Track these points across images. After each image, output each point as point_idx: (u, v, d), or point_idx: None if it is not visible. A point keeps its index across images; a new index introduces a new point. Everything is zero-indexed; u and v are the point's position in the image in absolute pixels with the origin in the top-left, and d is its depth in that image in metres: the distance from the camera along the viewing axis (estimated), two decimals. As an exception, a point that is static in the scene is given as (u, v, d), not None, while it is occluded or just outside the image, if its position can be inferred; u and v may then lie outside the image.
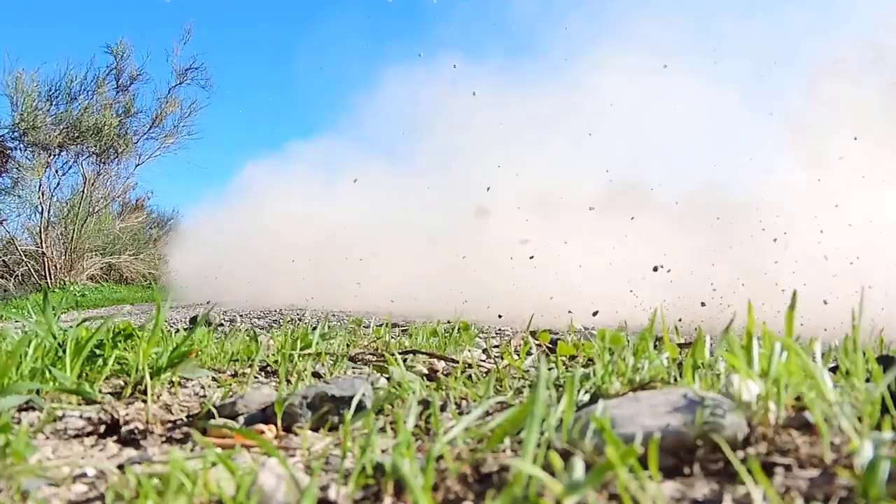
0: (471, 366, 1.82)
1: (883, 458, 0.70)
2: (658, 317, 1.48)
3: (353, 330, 3.30)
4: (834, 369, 1.32)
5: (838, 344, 1.60)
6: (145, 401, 1.36)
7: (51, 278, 17.17)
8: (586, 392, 1.27)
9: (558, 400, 1.00)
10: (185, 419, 1.37)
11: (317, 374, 1.95)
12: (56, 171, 17.71)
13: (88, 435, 1.25)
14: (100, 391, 1.53)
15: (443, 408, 1.39)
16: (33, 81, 16.66)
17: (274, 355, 2.15)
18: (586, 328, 4.43)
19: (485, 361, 2.18)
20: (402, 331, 3.93)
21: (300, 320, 6.29)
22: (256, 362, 1.89)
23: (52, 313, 1.68)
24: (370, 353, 2.44)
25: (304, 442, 1.12)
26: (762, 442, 0.89)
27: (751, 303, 1.14)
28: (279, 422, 1.26)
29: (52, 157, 17.34)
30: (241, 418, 1.31)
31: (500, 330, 5.44)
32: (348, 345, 2.64)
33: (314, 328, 2.43)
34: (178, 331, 2.68)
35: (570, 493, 0.69)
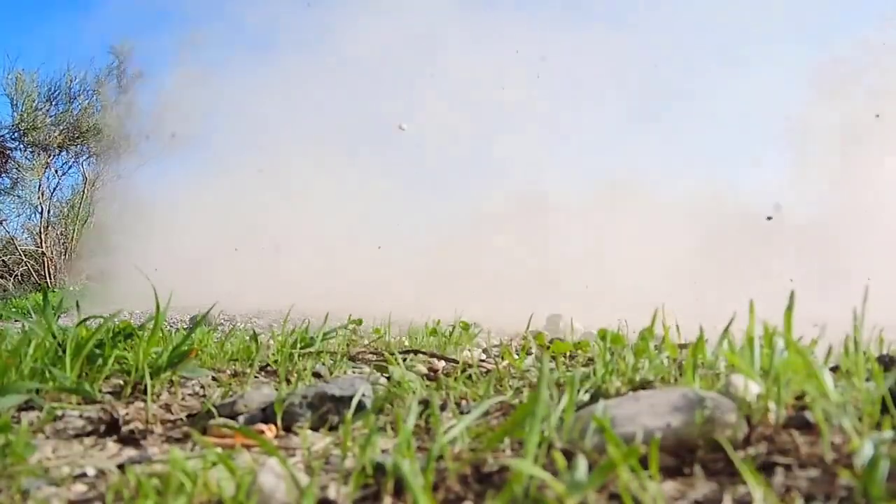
0: (471, 365, 1.82)
1: (883, 458, 0.70)
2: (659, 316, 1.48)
3: (353, 329, 3.30)
4: (835, 369, 1.32)
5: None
6: (145, 400, 1.36)
7: (50, 278, 17.16)
8: (587, 392, 1.27)
9: (559, 400, 1.00)
10: (185, 419, 1.37)
11: (317, 374, 1.94)
12: (56, 172, 17.71)
13: (88, 434, 1.25)
14: (100, 391, 1.53)
15: (443, 407, 1.38)
16: (33, 81, 16.67)
17: (274, 355, 2.15)
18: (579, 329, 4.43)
19: (485, 361, 2.18)
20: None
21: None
22: (256, 362, 1.89)
23: (52, 313, 1.68)
24: (370, 353, 2.44)
25: (304, 442, 1.12)
26: (762, 441, 0.89)
27: (752, 302, 1.14)
28: (279, 421, 1.26)
29: (51, 158, 17.33)
30: (241, 418, 1.31)
31: (500, 330, 5.44)
32: (348, 344, 2.64)
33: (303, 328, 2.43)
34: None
35: (573, 493, 0.68)
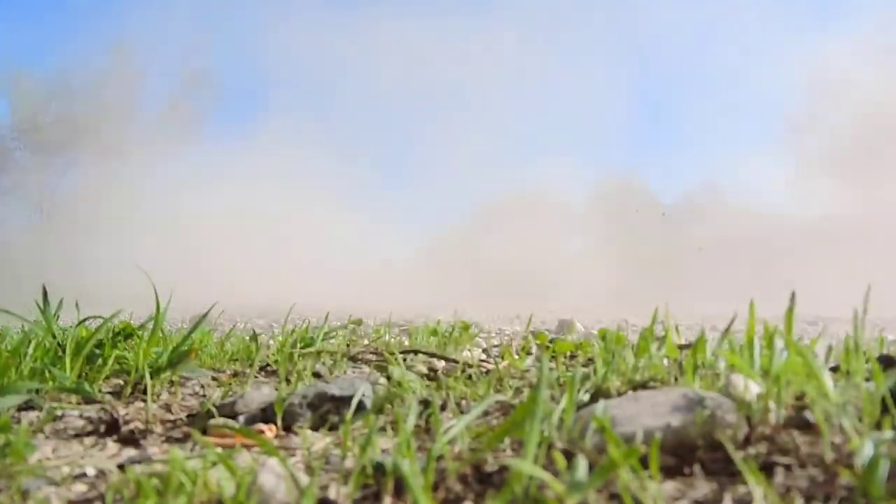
0: (471, 365, 1.82)
1: (883, 458, 0.70)
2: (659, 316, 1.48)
3: (353, 329, 3.30)
4: (835, 369, 1.32)
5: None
6: (145, 400, 1.36)
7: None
8: (587, 391, 1.27)
9: (559, 399, 1.00)
10: (185, 419, 1.37)
11: (317, 374, 1.94)
12: (56, 172, 17.71)
13: (88, 434, 1.24)
14: (100, 391, 1.53)
15: (443, 407, 1.38)
16: (33, 81, 16.67)
17: (274, 355, 2.15)
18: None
19: (485, 361, 2.18)
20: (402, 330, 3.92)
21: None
22: (256, 362, 1.89)
23: (52, 313, 1.68)
24: (370, 353, 2.44)
25: (304, 441, 1.12)
26: (763, 441, 0.89)
27: (752, 302, 1.14)
28: (279, 421, 1.26)
29: (52, 158, 17.33)
30: (241, 418, 1.31)
31: (500, 329, 5.44)
32: (348, 344, 2.64)
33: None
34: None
35: (573, 493, 0.68)
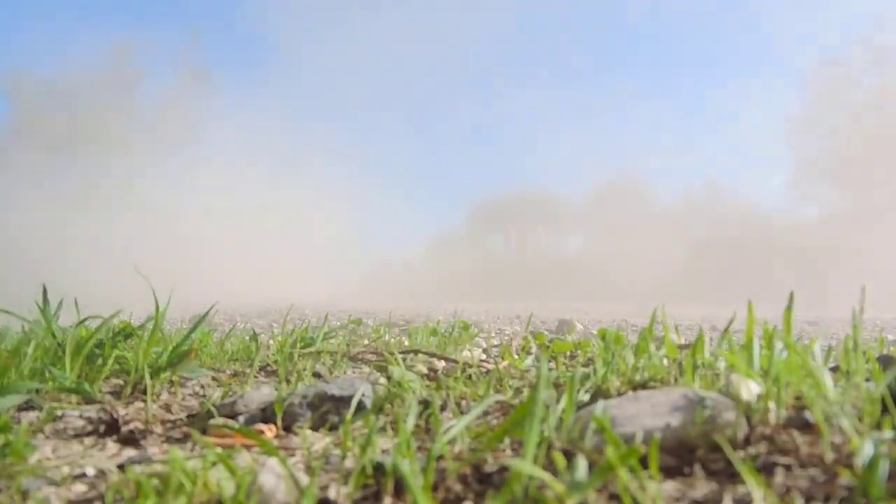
0: (471, 365, 1.82)
1: (883, 458, 0.70)
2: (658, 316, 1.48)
3: (353, 329, 3.30)
4: (835, 369, 1.32)
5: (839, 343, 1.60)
6: (145, 400, 1.36)
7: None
8: (586, 391, 1.27)
9: (558, 399, 1.00)
10: (185, 419, 1.37)
11: (317, 374, 1.94)
12: (56, 171, 17.71)
13: (88, 434, 1.24)
14: (100, 391, 1.53)
15: (443, 407, 1.38)
16: (33, 81, 16.67)
17: (274, 355, 2.15)
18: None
19: (485, 361, 2.18)
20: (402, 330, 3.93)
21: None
22: (256, 362, 1.89)
23: (52, 313, 1.68)
24: (370, 353, 2.44)
25: (304, 441, 1.12)
26: (763, 441, 0.89)
27: (751, 303, 1.14)
28: (279, 421, 1.26)
29: (51, 157, 17.34)
30: (241, 418, 1.31)
31: (500, 330, 5.44)
32: (348, 344, 2.64)
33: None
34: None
35: (572, 493, 0.68)
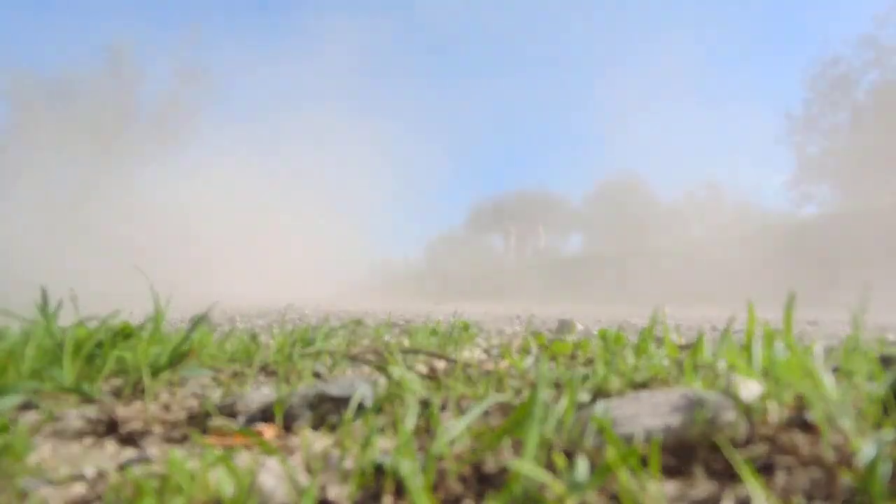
0: (471, 365, 1.82)
1: (884, 458, 0.70)
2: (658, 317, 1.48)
3: (353, 329, 3.30)
4: (836, 370, 1.32)
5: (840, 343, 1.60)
6: (144, 400, 1.36)
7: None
8: (587, 392, 1.27)
9: (559, 400, 1.00)
10: (185, 419, 1.36)
11: (317, 374, 1.94)
12: (55, 171, 17.71)
13: (87, 435, 1.24)
14: (99, 391, 1.53)
15: (443, 407, 1.38)
16: (33, 81, 16.69)
17: (274, 355, 2.15)
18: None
19: (485, 361, 2.18)
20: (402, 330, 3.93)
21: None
22: (256, 362, 1.88)
23: (51, 313, 1.67)
24: (370, 353, 2.43)
25: (304, 442, 1.12)
26: (763, 442, 0.89)
27: (751, 303, 1.14)
28: (279, 421, 1.26)
29: (51, 157, 17.34)
30: (241, 418, 1.30)
31: (500, 330, 5.44)
32: (348, 344, 2.63)
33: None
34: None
35: (573, 494, 0.68)
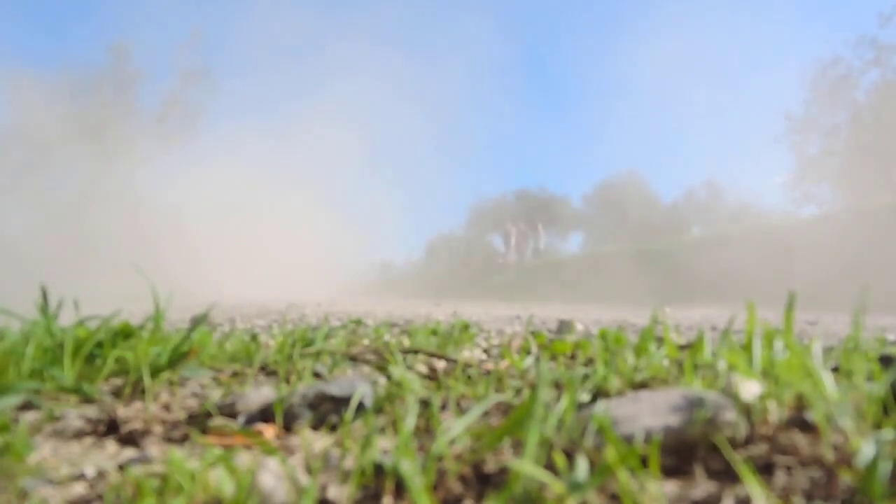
0: (471, 365, 1.82)
1: (884, 458, 0.70)
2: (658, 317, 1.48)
3: (353, 329, 3.30)
4: (836, 369, 1.32)
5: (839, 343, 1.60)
6: (145, 400, 1.36)
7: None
8: (587, 391, 1.27)
9: (559, 400, 1.00)
10: (185, 419, 1.36)
11: (317, 374, 1.94)
12: (55, 171, 17.71)
13: (88, 435, 1.24)
14: (99, 391, 1.53)
15: (443, 407, 1.38)
16: (33, 81, 16.69)
17: (274, 355, 2.15)
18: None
19: (485, 361, 2.18)
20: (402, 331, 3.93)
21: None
22: (256, 362, 1.88)
23: (52, 313, 1.67)
24: (370, 353, 2.43)
25: (304, 442, 1.12)
26: (763, 441, 0.89)
27: (752, 303, 1.14)
28: (279, 421, 1.26)
29: (51, 157, 17.34)
30: (241, 418, 1.30)
31: (500, 330, 5.44)
32: (348, 344, 2.64)
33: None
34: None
35: (573, 494, 0.68)
